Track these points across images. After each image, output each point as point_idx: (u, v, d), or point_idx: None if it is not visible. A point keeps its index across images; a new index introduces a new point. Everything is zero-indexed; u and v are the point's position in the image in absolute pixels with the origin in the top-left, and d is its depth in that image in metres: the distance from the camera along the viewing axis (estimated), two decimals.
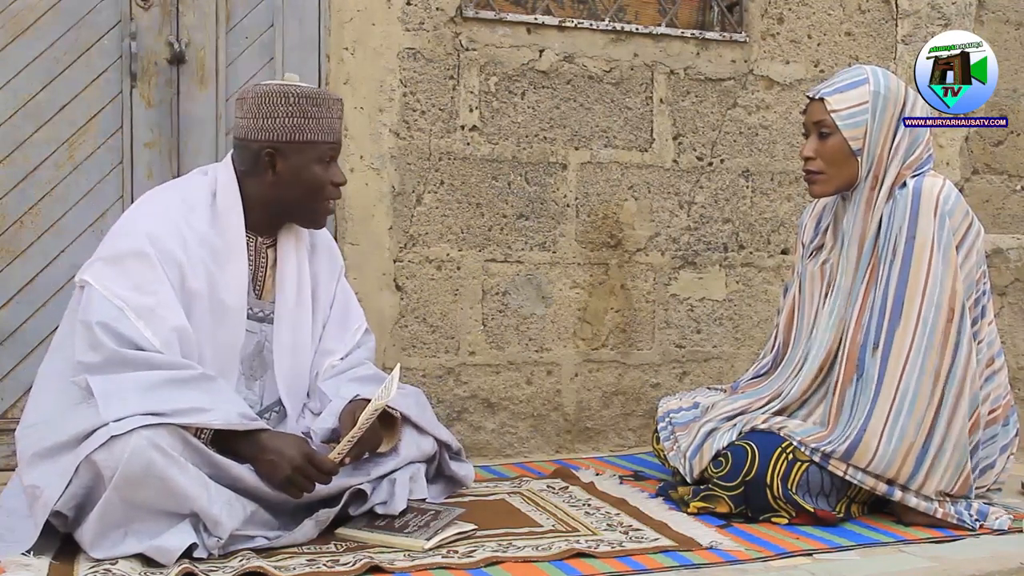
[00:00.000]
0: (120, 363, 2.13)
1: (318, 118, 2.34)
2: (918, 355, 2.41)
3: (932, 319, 2.41)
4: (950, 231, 2.45)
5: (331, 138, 2.38)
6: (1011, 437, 2.60)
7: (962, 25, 3.68)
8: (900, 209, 2.47)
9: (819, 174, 2.56)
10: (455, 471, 2.60)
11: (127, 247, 2.24)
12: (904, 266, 2.45)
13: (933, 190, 2.47)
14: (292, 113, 2.32)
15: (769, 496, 2.43)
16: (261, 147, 2.34)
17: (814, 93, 2.58)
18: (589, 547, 2.21)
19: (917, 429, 2.39)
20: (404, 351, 3.11)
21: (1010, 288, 3.71)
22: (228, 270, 2.34)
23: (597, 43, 3.30)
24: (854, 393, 2.49)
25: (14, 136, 2.83)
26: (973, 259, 2.50)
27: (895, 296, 2.45)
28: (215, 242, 2.32)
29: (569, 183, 3.29)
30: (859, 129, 2.51)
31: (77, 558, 2.08)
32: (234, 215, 2.36)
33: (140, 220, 2.29)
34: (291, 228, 2.48)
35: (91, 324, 2.16)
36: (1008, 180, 3.86)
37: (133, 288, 2.19)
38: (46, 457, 2.10)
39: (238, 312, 2.35)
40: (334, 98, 2.40)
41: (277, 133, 2.32)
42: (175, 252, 2.25)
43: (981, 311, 2.53)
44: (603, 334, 3.35)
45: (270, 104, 2.33)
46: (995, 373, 2.57)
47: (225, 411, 2.15)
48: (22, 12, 2.82)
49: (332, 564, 2.07)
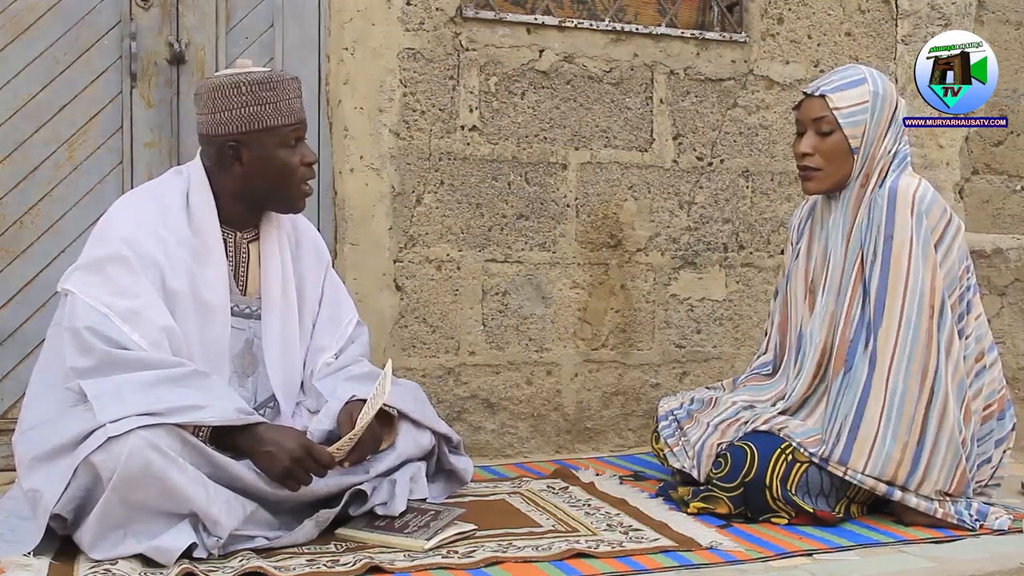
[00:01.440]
0: (112, 364, 2.13)
1: (274, 102, 2.32)
2: (903, 354, 2.42)
3: (915, 318, 2.42)
4: (928, 229, 2.45)
5: (291, 119, 2.35)
6: (1007, 431, 2.60)
7: (962, 25, 3.68)
8: (878, 209, 2.49)
9: (816, 170, 2.56)
10: (455, 464, 2.59)
11: (106, 253, 2.23)
12: (884, 266, 2.46)
13: (909, 189, 2.48)
14: (246, 102, 2.30)
15: (768, 497, 2.43)
16: (223, 141, 2.32)
17: (813, 89, 2.57)
18: (589, 547, 2.21)
19: (909, 428, 2.40)
20: (404, 351, 3.11)
21: (1010, 288, 3.70)
22: (207, 268, 2.33)
23: (597, 43, 3.30)
24: (839, 387, 2.50)
25: (14, 136, 2.83)
26: (954, 255, 2.50)
27: (877, 296, 2.46)
28: (192, 241, 2.32)
29: (569, 183, 3.29)
30: (859, 128, 2.53)
31: (77, 558, 2.07)
32: (207, 212, 2.35)
33: (116, 225, 2.28)
34: (273, 222, 2.47)
35: (78, 329, 2.15)
36: (1008, 180, 3.86)
37: (115, 293, 2.19)
38: (45, 461, 2.10)
39: (222, 310, 2.34)
40: (288, 78, 2.37)
41: (235, 125, 2.31)
42: (153, 254, 2.24)
43: (966, 306, 2.53)
44: (603, 334, 3.35)
45: (223, 96, 2.30)
46: (987, 368, 2.56)
47: (221, 407, 2.14)
48: (22, 12, 2.82)
49: (332, 564, 2.07)
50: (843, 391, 2.48)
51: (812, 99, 2.57)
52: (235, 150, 2.33)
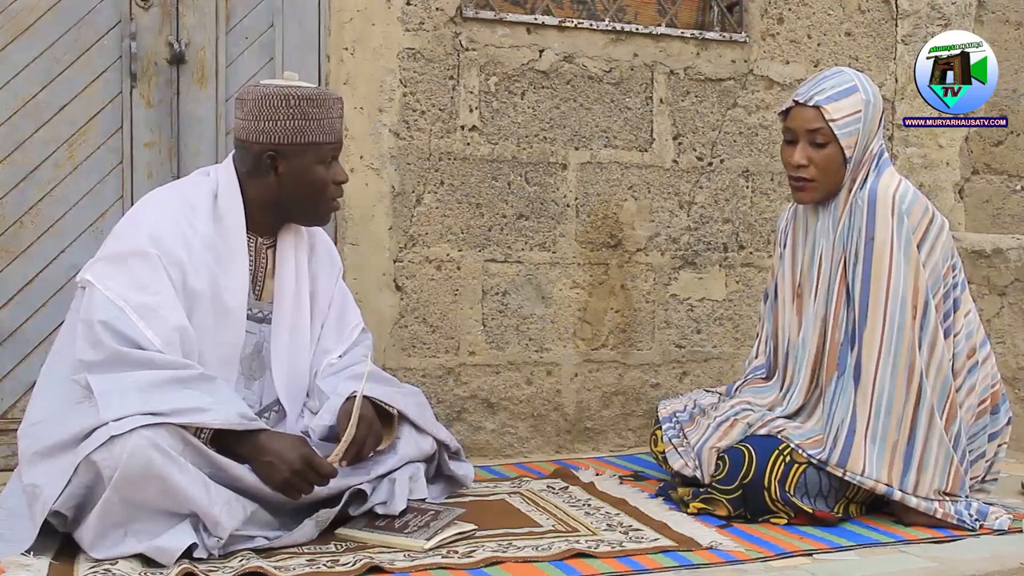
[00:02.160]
0: (120, 362, 2.13)
1: (319, 119, 2.34)
2: (889, 354, 2.42)
3: (899, 318, 2.42)
4: (909, 229, 2.44)
5: (332, 138, 2.37)
6: (1001, 426, 2.60)
7: (962, 25, 3.68)
8: (859, 211, 2.48)
9: (811, 182, 2.52)
10: (454, 471, 2.60)
11: (129, 247, 2.24)
12: (866, 268, 2.45)
13: (888, 190, 2.47)
14: (293, 116, 2.31)
15: (767, 498, 2.43)
16: (262, 149, 2.33)
17: (805, 99, 2.51)
18: (589, 547, 2.21)
19: (898, 428, 2.40)
20: (404, 351, 3.11)
21: (1010, 288, 3.70)
22: (230, 271, 2.34)
23: (597, 43, 3.30)
24: (834, 391, 2.50)
25: (14, 136, 2.82)
26: (938, 254, 2.49)
27: (860, 298, 2.46)
28: (217, 243, 2.32)
29: (569, 183, 3.29)
30: (853, 138, 2.50)
31: (77, 558, 2.08)
32: (236, 216, 2.36)
33: (143, 221, 2.29)
34: (291, 229, 2.48)
35: (92, 322, 2.16)
36: (1008, 180, 3.86)
37: (135, 288, 2.19)
38: (46, 456, 2.10)
39: (239, 312, 2.35)
40: (334, 97, 2.40)
41: (278, 136, 2.32)
42: (177, 252, 2.25)
43: (953, 304, 2.52)
44: (603, 334, 3.35)
45: (270, 107, 2.32)
46: (979, 364, 2.56)
47: (224, 411, 2.15)
48: (22, 12, 2.82)
49: (332, 564, 2.07)
50: (838, 394, 2.48)
51: (804, 108, 2.51)
52: (273, 160, 2.34)
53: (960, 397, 2.51)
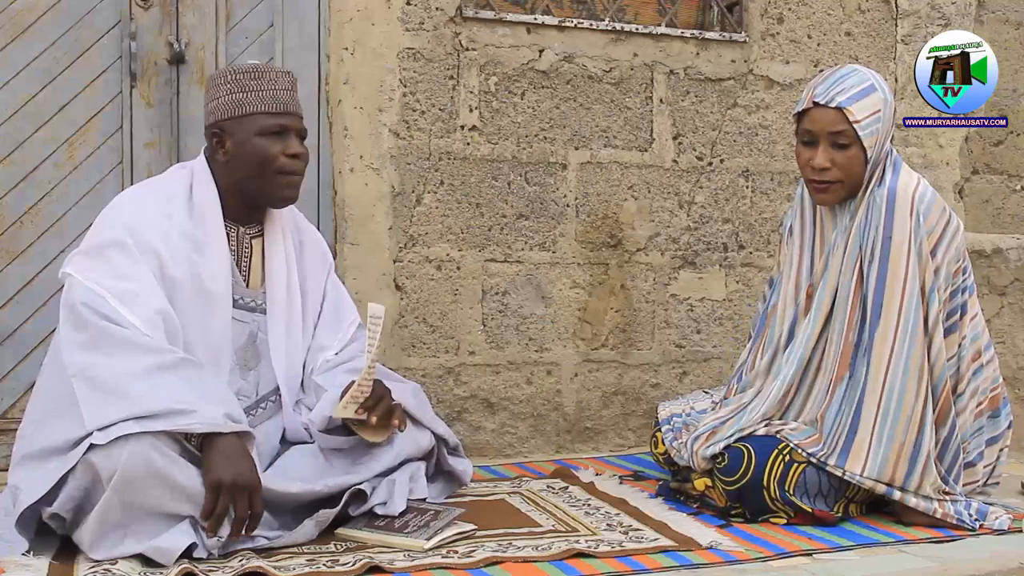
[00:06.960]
0: (106, 339, 2.13)
1: (257, 90, 2.34)
2: (901, 354, 2.41)
3: (912, 318, 2.41)
4: (926, 230, 2.44)
5: (273, 109, 2.35)
6: (1002, 429, 2.60)
7: (962, 25, 3.68)
8: (876, 209, 2.46)
9: (834, 183, 2.49)
10: (453, 466, 2.59)
11: (107, 238, 2.26)
12: (882, 266, 2.44)
13: (908, 189, 2.45)
14: (231, 90, 2.34)
15: (766, 498, 2.43)
16: (210, 129, 2.38)
17: (825, 100, 2.45)
18: (589, 547, 2.21)
19: (906, 429, 2.40)
20: (404, 351, 3.11)
21: (1010, 288, 3.70)
22: (209, 258, 2.33)
23: (597, 43, 3.30)
24: (843, 393, 2.49)
25: (14, 136, 2.83)
26: (951, 254, 2.48)
27: (874, 296, 2.45)
28: (195, 232, 2.33)
29: (569, 183, 3.29)
30: (874, 138, 2.47)
31: (77, 558, 2.08)
32: (210, 204, 2.37)
33: (119, 213, 2.31)
34: (276, 220, 2.48)
35: (74, 305, 2.17)
36: (1008, 180, 3.86)
37: (114, 276, 2.21)
38: (34, 459, 2.11)
39: (223, 299, 2.35)
40: (277, 71, 2.40)
41: (220, 112, 2.35)
42: (153, 242, 2.26)
43: (960, 307, 2.51)
44: (603, 334, 3.35)
45: (214, 85, 2.38)
46: (983, 367, 2.56)
47: (210, 412, 2.10)
48: (22, 12, 2.82)
49: (332, 564, 2.07)
50: (847, 396, 2.47)
51: (826, 110, 2.46)
52: (219, 138, 2.36)
53: (964, 400, 2.51)
